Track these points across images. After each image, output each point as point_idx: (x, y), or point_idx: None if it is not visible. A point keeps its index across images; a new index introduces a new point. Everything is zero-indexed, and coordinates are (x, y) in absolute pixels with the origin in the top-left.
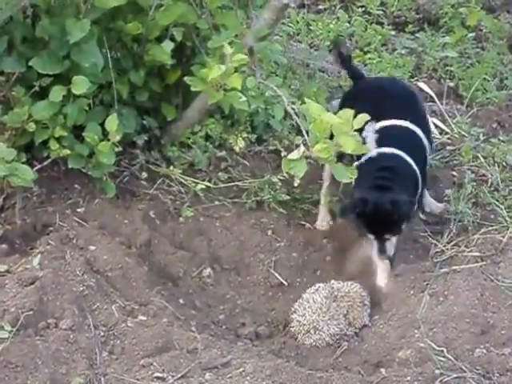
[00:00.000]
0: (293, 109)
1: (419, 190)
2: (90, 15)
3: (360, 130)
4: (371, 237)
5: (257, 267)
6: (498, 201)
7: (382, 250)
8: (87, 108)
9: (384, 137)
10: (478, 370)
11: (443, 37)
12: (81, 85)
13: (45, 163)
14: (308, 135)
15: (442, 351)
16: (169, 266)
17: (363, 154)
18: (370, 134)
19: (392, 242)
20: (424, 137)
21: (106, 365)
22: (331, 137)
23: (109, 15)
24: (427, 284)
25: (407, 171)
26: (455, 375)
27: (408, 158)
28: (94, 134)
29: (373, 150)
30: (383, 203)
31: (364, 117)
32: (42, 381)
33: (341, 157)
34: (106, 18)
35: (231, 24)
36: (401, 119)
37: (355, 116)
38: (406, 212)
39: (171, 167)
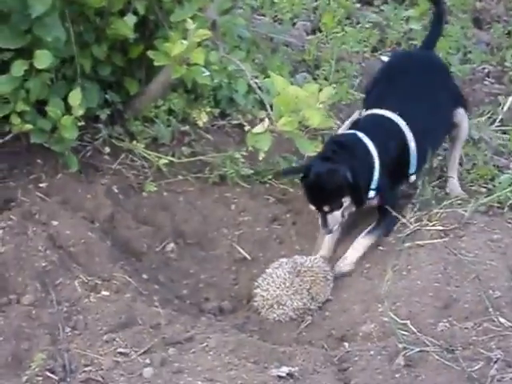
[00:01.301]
0: (256, 83)
1: (375, 174)
2: None
3: None
4: (312, 208)
5: (220, 242)
6: (461, 175)
7: (323, 224)
8: (50, 82)
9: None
10: (440, 343)
11: (407, 10)
12: (43, 59)
13: (6, 138)
14: (271, 109)
15: (405, 325)
16: (132, 241)
17: None
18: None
19: (335, 217)
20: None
21: (68, 340)
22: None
23: None
24: (390, 259)
25: (358, 148)
26: (418, 349)
27: (364, 137)
28: (57, 108)
29: None
30: (319, 172)
31: (329, 89)
32: (4, 357)
33: None
34: None
35: None
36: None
37: None
38: (341, 184)
39: (134, 142)
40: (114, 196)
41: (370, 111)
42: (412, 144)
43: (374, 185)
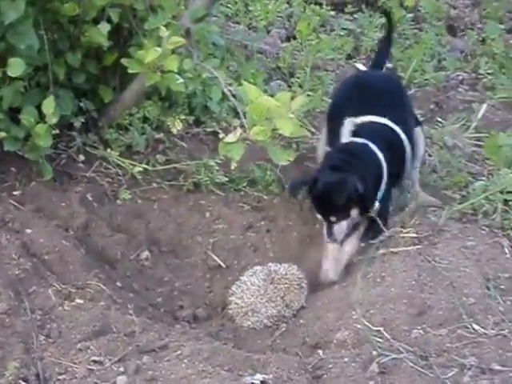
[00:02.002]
0: (230, 90)
1: (383, 184)
2: None
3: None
4: (319, 218)
5: (195, 249)
6: (435, 182)
7: (328, 233)
8: (23, 90)
9: (359, 130)
10: (414, 350)
11: (381, 17)
12: (16, 67)
13: None
14: (245, 117)
15: (379, 332)
16: (106, 249)
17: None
18: (347, 128)
19: (341, 227)
20: (404, 135)
21: (42, 349)
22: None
23: None
24: (365, 266)
25: (368, 158)
26: (392, 356)
27: (374, 147)
28: (31, 116)
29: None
30: (329, 182)
31: (301, 98)
32: None
33: None
34: None
35: (168, 5)
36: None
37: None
38: (351, 194)
39: (108, 149)
40: (88, 204)
41: (362, 119)
42: (408, 147)
43: (380, 195)
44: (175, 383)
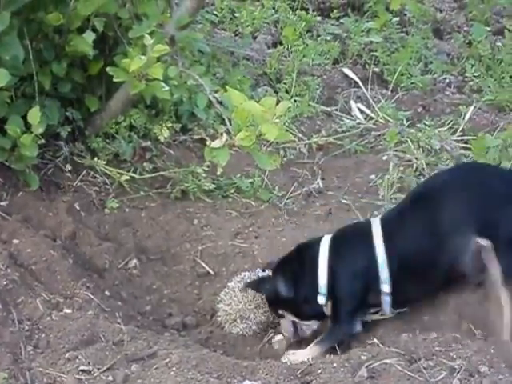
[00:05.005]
0: (215, 97)
1: (321, 280)
2: (10, 7)
3: None
4: None
5: (183, 257)
6: None
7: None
8: (9, 100)
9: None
10: (403, 354)
11: (368, 22)
12: (0, 77)
13: None
14: (231, 123)
15: (369, 337)
16: (94, 258)
17: None
18: None
19: (283, 322)
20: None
21: (30, 359)
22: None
23: (29, 6)
24: None
25: (309, 259)
26: (381, 361)
27: (323, 244)
28: (16, 126)
29: None
30: (261, 277)
31: (285, 103)
32: None
33: None
34: (27, 9)
35: (152, 13)
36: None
37: None
38: (268, 296)
39: (95, 158)
40: (75, 213)
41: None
42: (380, 252)
43: (322, 290)
44: None
